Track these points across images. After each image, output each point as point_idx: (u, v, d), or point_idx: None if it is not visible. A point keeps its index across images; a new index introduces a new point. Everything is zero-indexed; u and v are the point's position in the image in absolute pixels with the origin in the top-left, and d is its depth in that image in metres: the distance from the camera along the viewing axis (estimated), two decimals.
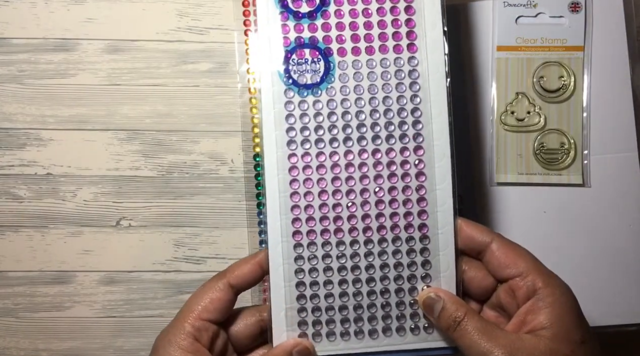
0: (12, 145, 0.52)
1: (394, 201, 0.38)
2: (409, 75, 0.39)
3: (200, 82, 0.52)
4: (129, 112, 0.52)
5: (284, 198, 0.38)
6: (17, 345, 0.52)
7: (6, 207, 0.52)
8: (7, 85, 0.52)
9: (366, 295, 0.39)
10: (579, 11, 0.47)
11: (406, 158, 0.39)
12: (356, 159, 0.39)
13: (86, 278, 0.52)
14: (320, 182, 0.39)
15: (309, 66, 0.39)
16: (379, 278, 0.38)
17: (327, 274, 0.38)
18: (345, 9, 0.39)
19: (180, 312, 0.38)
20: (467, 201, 0.47)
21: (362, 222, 0.38)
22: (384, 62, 0.39)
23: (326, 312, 0.39)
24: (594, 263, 0.46)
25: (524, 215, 0.47)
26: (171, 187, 0.52)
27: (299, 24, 0.39)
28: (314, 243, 0.38)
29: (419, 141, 0.39)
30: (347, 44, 0.39)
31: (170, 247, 0.52)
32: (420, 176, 0.39)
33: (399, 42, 0.39)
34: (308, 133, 0.39)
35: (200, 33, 0.52)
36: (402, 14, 0.39)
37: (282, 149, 0.39)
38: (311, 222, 0.38)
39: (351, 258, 0.38)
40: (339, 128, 0.39)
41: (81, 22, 0.52)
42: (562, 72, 0.46)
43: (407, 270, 0.38)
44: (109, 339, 0.52)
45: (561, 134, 0.46)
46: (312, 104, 0.39)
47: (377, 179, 0.39)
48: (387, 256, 0.38)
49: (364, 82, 0.39)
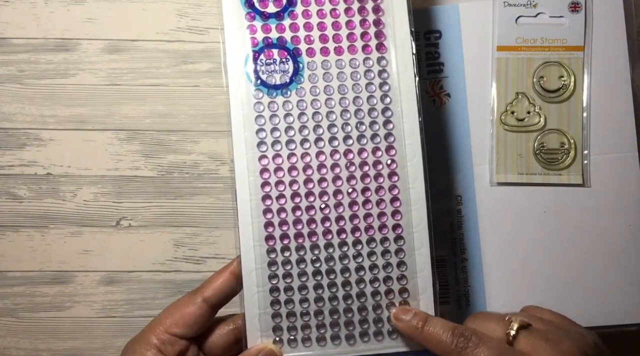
0: (12, 145, 0.52)
1: (367, 202, 0.38)
2: (378, 75, 0.39)
3: (200, 82, 0.52)
4: (129, 112, 0.52)
5: (255, 202, 0.38)
6: (17, 345, 0.52)
7: (6, 207, 0.52)
8: (7, 85, 0.52)
9: (342, 299, 0.38)
10: (579, 11, 0.46)
11: (378, 158, 0.38)
12: (328, 160, 0.38)
13: (86, 278, 0.52)
14: (293, 184, 0.38)
15: (277, 66, 0.39)
16: (355, 281, 0.38)
17: (301, 279, 0.38)
18: (312, 9, 0.39)
19: (150, 324, 0.38)
20: (467, 201, 0.47)
21: (336, 224, 0.38)
22: (353, 62, 0.39)
23: (301, 317, 0.38)
24: (594, 263, 0.46)
25: (524, 215, 0.47)
26: (171, 187, 0.52)
27: (266, 24, 0.39)
28: (287, 247, 0.38)
29: (391, 141, 0.38)
30: (316, 44, 0.39)
31: (170, 247, 0.52)
32: (392, 176, 0.38)
33: (368, 43, 0.39)
34: (278, 134, 0.38)
35: (200, 33, 0.52)
36: (370, 14, 0.39)
37: (252, 151, 0.38)
38: (284, 226, 0.38)
39: (326, 261, 0.38)
40: (310, 129, 0.38)
41: (81, 22, 0.52)
42: (562, 72, 0.46)
43: (383, 271, 0.38)
44: (109, 339, 0.52)
45: (561, 134, 0.46)
46: (282, 105, 0.38)
47: (350, 180, 0.38)
48: (362, 258, 0.38)
49: (333, 83, 0.39)
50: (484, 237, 0.47)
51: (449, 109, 0.47)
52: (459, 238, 0.47)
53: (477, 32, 0.47)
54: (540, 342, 0.33)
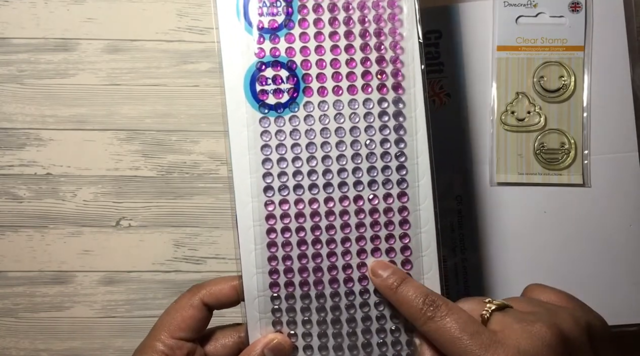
0: (12, 145, 0.52)
1: (376, 250, 0.37)
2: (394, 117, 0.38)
3: (200, 82, 0.52)
4: (129, 112, 0.52)
5: (258, 228, 0.37)
6: (17, 345, 0.52)
7: (6, 207, 0.52)
8: (7, 85, 0.52)
9: (347, 349, 0.37)
10: (579, 11, 0.46)
11: (390, 205, 0.38)
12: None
13: (86, 278, 0.52)
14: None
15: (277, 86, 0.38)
16: (361, 332, 0.37)
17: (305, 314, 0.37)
18: (310, 32, 0.38)
19: (153, 329, 0.37)
20: (467, 201, 0.47)
21: (343, 273, 0.37)
22: (355, 102, 0.38)
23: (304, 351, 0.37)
24: (594, 263, 0.46)
25: (524, 215, 0.47)
26: (171, 187, 0.52)
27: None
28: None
29: (404, 187, 0.38)
30: (313, 70, 0.37)
31: (170, 247, 0.52)
32: (404, 223, 0.38)
33: (385, 82, 0.38)
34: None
35: (200, 33, 0.52)
36: (389, 52, 0.38)
37: (255, 174, 0.37)
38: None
39: (332, 297, 0.37)
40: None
41: (81, 22, 0.52)
42: (563, 72, 0.46)
43: (390, 322, 0.37)
44: (109, 339, 0.52)
45: (561, 134, 0.46)
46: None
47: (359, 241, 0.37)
48: (370, 308, 0.37)
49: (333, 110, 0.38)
50: (484, 237, 0.47)
51: (449, 109, 0.47)
52: (459, 238, 0.47)
53: (477, 32, 0.47)
54: (512, 322, 0.32)
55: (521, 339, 0.31)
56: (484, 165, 0.47)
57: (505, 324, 0.32)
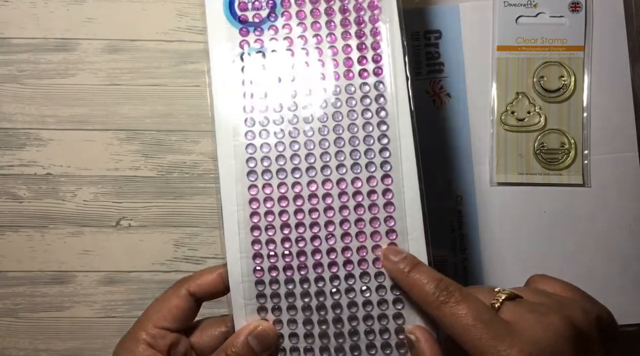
0: (12, 145, 0.52)
1: (359, 220, 0.37)
2: (375, 100, 0.38)
3: (201, 82, 0.52)
4: (129, 112, 0.52)
5: (244, 235, 0.37)
6: (17, 345, 0.52)
7: (6, 207, 0.52)
8: (7, 85, 0.52)
9: (333, 337, 0.37)
10: (579, 11, 0.46)
11: (373, 187, 0.37)
12: (319, 176, 0.37)
13: (86, 278, 0.52)
14: (282, 201, 0.37)
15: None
16: (347, 319, 0.37)
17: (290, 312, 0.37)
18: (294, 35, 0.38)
19: (137, 321, 0.37)
20: (467, 201, 0.47)
21: (327, 257, 0.37)
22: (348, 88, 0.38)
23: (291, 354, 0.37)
24: (594, 263, 0.46)
25: (524, 215, 0.47)
26: (171, 187, 0.52)
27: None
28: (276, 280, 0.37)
29: (387, 169, 0.37)
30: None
31: (170, 246, 0.52)
32: (388, 206, 0.37)
33: (365, 67, 0.38)
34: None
35: (200, 33, 0.52)
36: (369, 38, 0.38)
37: (241, 182, 0.37)
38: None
39: (316, 296, 0.37)
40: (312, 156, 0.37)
41: (81, 22, 0.52)
42: (563, 72, 0.46)
43: (377, 309, 0.36)
44: (109, 339, 0.52)
45: (561, 134, 0.46)
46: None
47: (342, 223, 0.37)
48: (355, 293, 0.37)
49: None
50: (484, 237, 0.47)
51: (449, 109, 0.47)
52: (459, 238, 0.47)
53: (477, 32, 0.47)
54: (525, 312, 0.32)
55: (536, 330, 0.31)
56: (484, 165, 0.47)
57: (518, 314, 0.32)
